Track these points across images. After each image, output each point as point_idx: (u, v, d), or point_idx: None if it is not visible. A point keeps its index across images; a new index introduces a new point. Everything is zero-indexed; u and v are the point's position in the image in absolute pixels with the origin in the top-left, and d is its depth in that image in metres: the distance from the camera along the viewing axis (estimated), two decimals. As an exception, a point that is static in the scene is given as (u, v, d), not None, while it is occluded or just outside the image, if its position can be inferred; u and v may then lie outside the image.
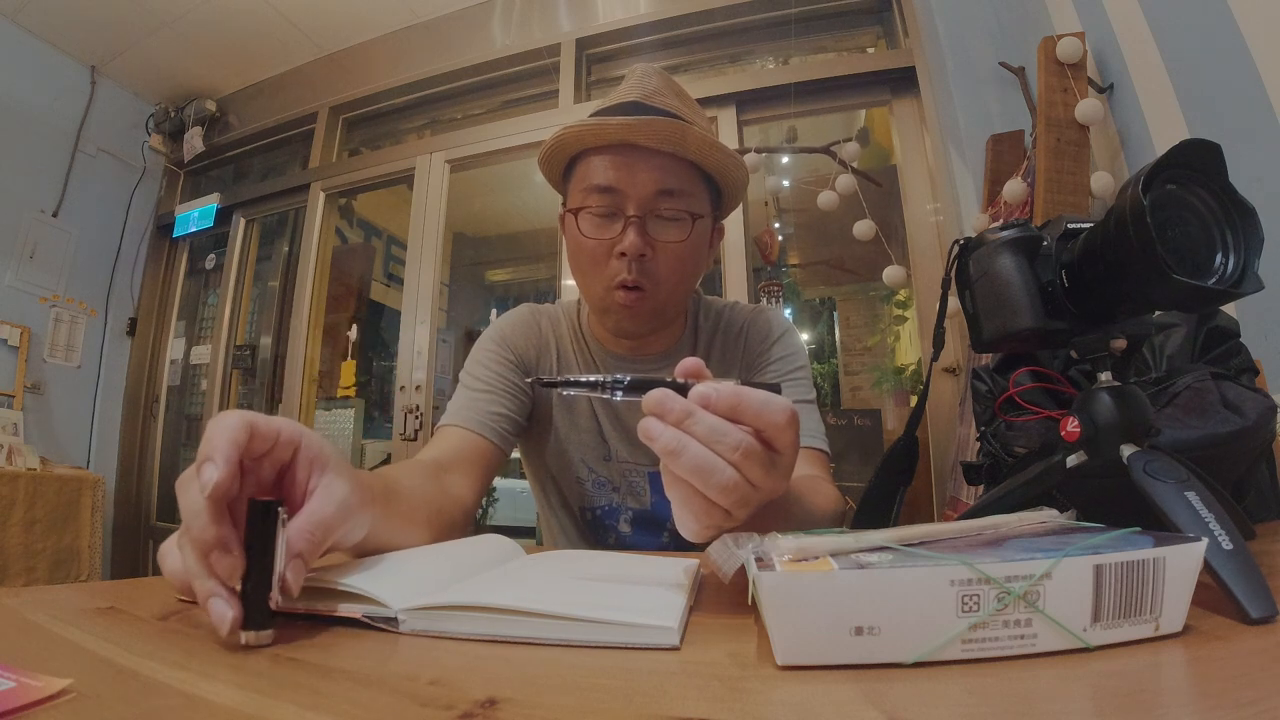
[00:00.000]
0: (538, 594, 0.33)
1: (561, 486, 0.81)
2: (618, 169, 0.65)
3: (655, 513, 0.77)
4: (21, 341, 2.70)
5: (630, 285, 0.66)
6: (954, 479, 1.61)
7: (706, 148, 0.66)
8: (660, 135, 0.64)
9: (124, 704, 0.22)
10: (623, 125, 0.63)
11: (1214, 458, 0.44)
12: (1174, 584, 0.25)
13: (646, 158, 0.65)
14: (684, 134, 0.64)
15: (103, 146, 3.05)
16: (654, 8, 2.48)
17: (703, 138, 0.65)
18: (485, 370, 0.76)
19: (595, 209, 0.66)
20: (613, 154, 0.65)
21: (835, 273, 2.83)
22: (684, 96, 0.72)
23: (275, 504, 0.30)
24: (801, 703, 0.22)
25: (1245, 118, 1.00)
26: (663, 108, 0.67)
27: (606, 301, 0.69)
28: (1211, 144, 0.34)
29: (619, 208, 0.65)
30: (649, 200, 0.65)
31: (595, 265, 0.67)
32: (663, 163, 0.65)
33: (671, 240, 0.66)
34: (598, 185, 0.65)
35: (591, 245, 0.67)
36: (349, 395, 2.92)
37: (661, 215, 0.66)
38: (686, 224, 0.67)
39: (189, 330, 3.23)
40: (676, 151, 0.65)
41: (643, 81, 0.70)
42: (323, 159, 2.93)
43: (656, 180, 0.65)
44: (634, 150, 0.65)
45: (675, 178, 0.66)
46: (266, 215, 3.13)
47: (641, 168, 0.65)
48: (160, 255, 3.30)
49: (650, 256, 0.66)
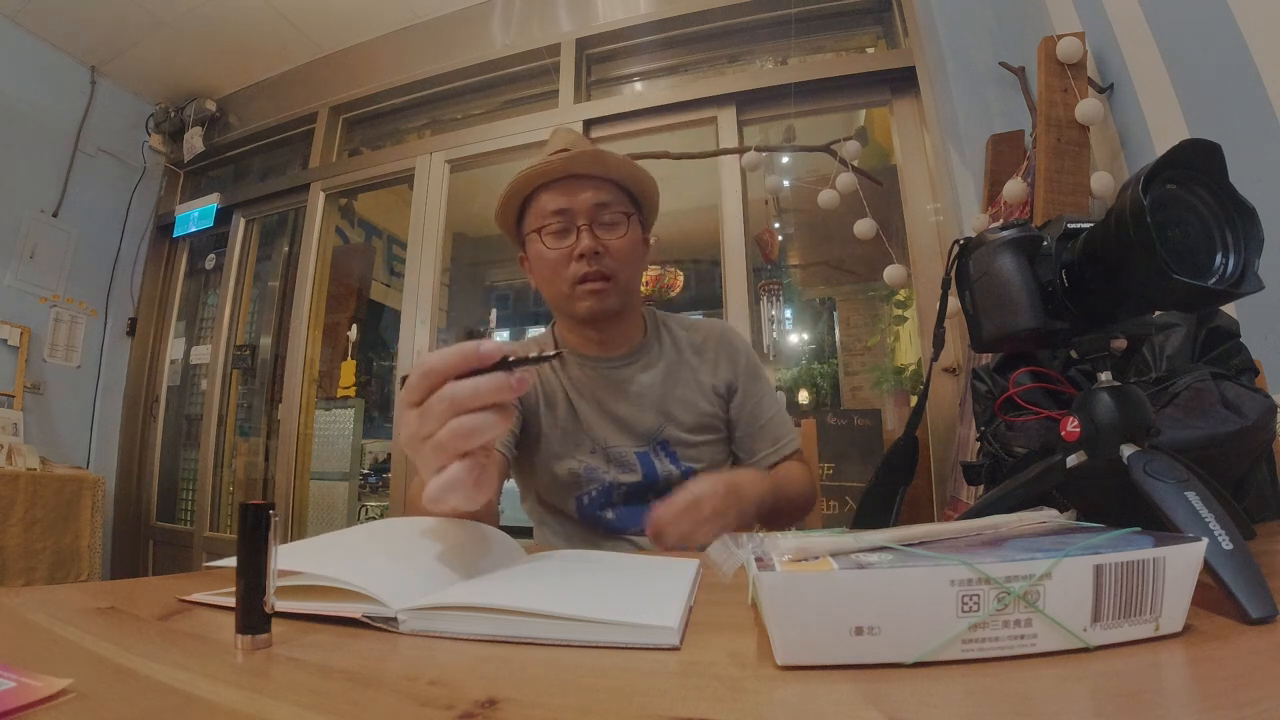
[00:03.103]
0: (537, 595, 0.33)
1: (555, 498, 0.88)
2: (565, 194, 0.83)
3: (646, 484, 0.86)
4: (21, 341, 2.70)
5: (594, 276, 0.82)
6: (954, 479, 1.61)
7: (626, 167, 0.85)
8: (590, 161, 0.83)
9: (124, 704, 0.22)
10: (564, 161, 0.82)
11: (1214, 458, 0.44)
12: (1174, 584, 0.25)
13: (583, 182, 0.83)
14: (604, 158, 0.84)
15: (103, 146, 3.05)
16: (654, 8, 2.48)
17: (620, 158, 0.85)
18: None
19: (552, 227, 0.83)
20: (557, 186, 0.84)
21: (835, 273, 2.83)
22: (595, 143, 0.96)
23: (267, 507, 0.30)
24: (801, 703, 0.22)
25: (1245, 118, 1.00)
26: (585, 150, 0.85)
27: (574, 296, 0.84)
28: (1211, 144, 0.34)
29: (571, 223, 0.83)
30: (591, 212, 0.83)
31: (558, 270, 0.84)
32: (595, 184, 0.84)
33: (616, 237, 0.84)
34: (552, 209, 0.83)
35: (553, 255, 0.83)
36: (349, 395, 2.92)
37: (603, 221, 0.84)
38: (623, 224, 0.85)
39: (189, 330, 3.23)
40: (603, 174, 0.84)
41: (565, 137, 0.90)
42: (323, 159, 2.93)
43: (593, 196, 0.83)
44: (573, 179, 0.83)
45: (606, 193, 0.84)
46: (266, 215, 3.12)
47: (579, 189, 0.83)
48: (160, 255, 3.30)
49: (604, 253, 0.83)
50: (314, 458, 2.75)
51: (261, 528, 0.29)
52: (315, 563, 0.35)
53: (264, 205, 3.09)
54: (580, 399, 0.89)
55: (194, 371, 3.15)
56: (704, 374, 0.92)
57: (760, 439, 0.92)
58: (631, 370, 0.90)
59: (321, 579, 0.33)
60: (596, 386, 0.89)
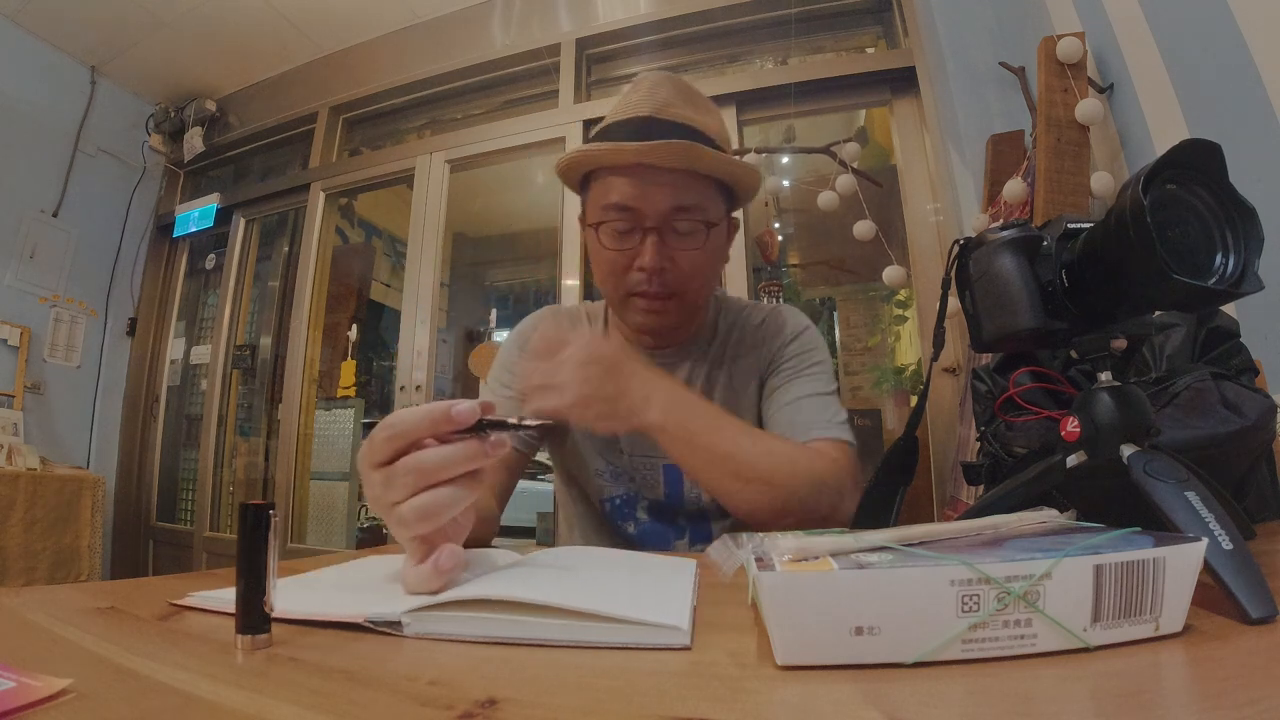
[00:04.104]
0: (545, 589, 0.33)
1: (581, 480, 0.83)
2: (634, 188, 0.67)
3: (670, 503, 0.78)
4: (21, 341, 2.70)
5: (654, 294, 0.69)
6: (954, 479, 1.61)
7: (720, 165, 0.67)
8: (675, 156, 0.65)
9: (124, 704, 0.22)
10: (637, 151, 0.65)
11: (1214, 458, 0.44)
12: (1174, 584, 0.25)
13: (660, 176, 0.66)
14: (697, 155, 0.65)
15: (103, 146, 3.05)
16: (654, 8, 2.48)
17: (716, 156, 0.66)
18: (510, 375, 0.80)
19: (614, 223, 0.69)
20: (628, 174, 0.67)
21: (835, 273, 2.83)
22: (696, 101, 0.73)
23: (267, 507, 0.30)
24: (801, 703, 0.22)
25: (1245, 118, 1.00)
26: (676, 120, 0.68)
27: (627, 307, 0.72)
28: (1211, 144, 0.34)
29: (637, 223, 0.68)
30: (665, 216, 0.67)
31: (615, 275, 0.71)
32: (676, 179, 0.67)
33: (688, 249, 0.69)
34: (615, 204, 0.68)
35: (612, 256, 0.70)
36: (349, 395, 2.92)
37: (677, 229, 0.68)
38: (702, 234, 0.69)
39: (189, 330, 3.23)
40: (690, 169, 0.67)
41: (653, 94, 0.71)
42: (323, 159, 2.93)
43: (670, 197, 0.67)
44: (648, 170, 0.66)
45: (689, 193, 0.68)
46: (266, 215, 3.12)
47: (655, 186, 0.66)
48: (160, 255, 3.30)
49: (669, 269, 0.68)
50: (314, 458, 2.75)
51: (261, 528, 0.29)
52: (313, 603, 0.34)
53: (264, 205, 3.09)
54: None
55: (194, 371, 3.15)
56: (749, 363, 0.79)
57: (776, 421, 0.74)
58: (679, 370, 0.79)
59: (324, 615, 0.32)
60: None
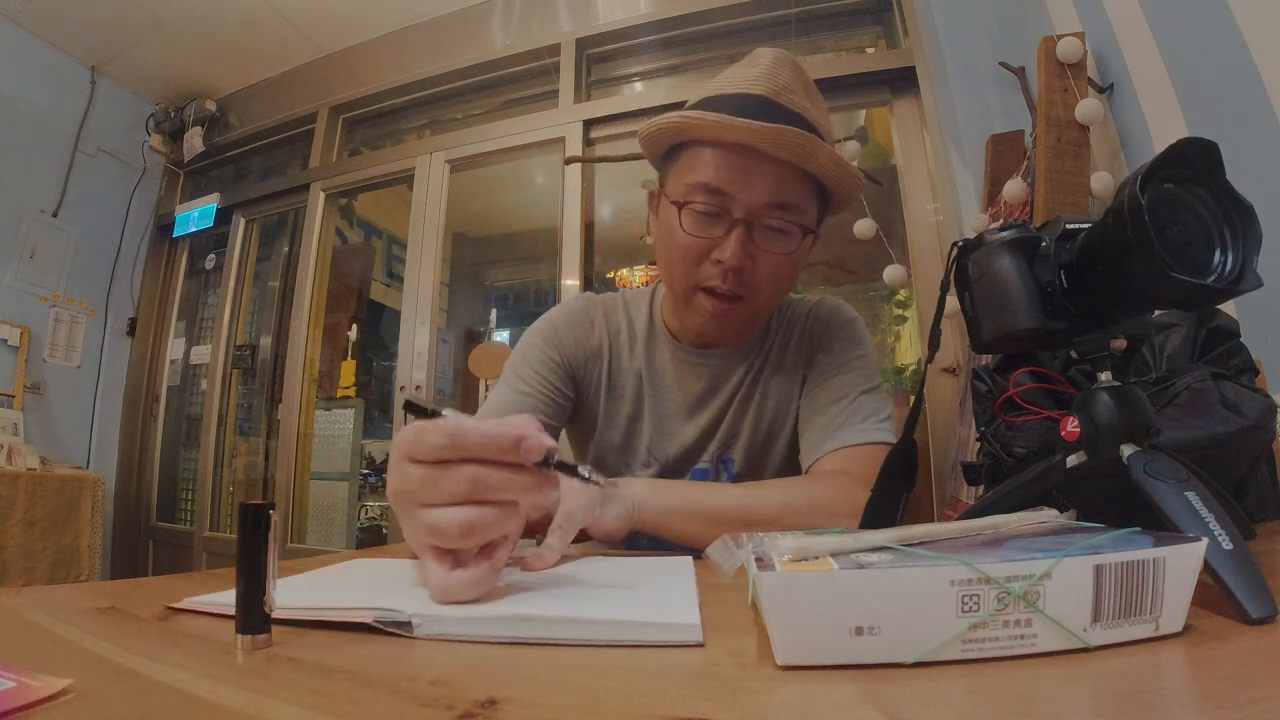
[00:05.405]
0: (557, 600, 0.33)
1: (606, 470, 0.80)
2: (732, 171, 0.59)
3: None
4: (21, 341, 2.70)
5: (725, 294, 0.62)
6: (954, 479, 1.61)
7: (833, 166, 0.60)
8: (789, 147, 0.58)
9: (124, 704, 0.22)
10: (749, 131, 0.57)
11: (1214, 458, 0.44)
12: (1174, 584, 0.25)
13: (765, 164, 0.59)
14: (812, 150, 0.58)
15: (103, 146, 3.05)
16: (654, 8, 2.48)
17: (831, 155, 0.60)
18: (530, 371, 0.75)
19: (700, 206, 0.61)
20: (728, 152, 0.59)
21: (835, 272, 2.83)
22: (812, 92, 0.66)
23: (267, 507, 0.30)
24: (801, 703, 0.22)
25: (1245, 118, 1.00)
26: (792, 108, 0.61)
27: (690, 302, 0.65)
28: (1209, 143, 0.34)
29: (725, 209, 0.60)
30: (760, 209, 0.60)
31: (686, 263, 0.63)
32: (780, 171, 0.60)
33: (776, 251, 0.62)
34: (706, 184, 0.60)
35: (688, 242, 0.62)
36: (349, 395, 2.92)
37: (770, 225, 0.61)
38: (795, 237, 0.62)
39: (189, 330, 3.23)
40: (800, 164, 0.60)
41: (773, 73, 0.63)
42: (323, 159, 2.93)
43: (771, 190, 0.60)
44: (752, 154, 0.59)
45: (792, 190, 0.61)
46: (266, 215, 3.12)
47: (757, 174, 0.59)
48: (160, 255, 3.30)
49: (749, 269, 0.61)
50: (314, 458, 2.75)
51: (261, 527, 0.29)
52: (318, 598, 0.34)
53: (264, 205, 3.09)
54: (653, 396, 0.73)
55: (194, 371, 3.15)
56: (794, 360, 0.74)
57: (806, 430, 0.69)
58: (729, 371, 0.73)
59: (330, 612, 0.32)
60: (681, 379, 0.72)
